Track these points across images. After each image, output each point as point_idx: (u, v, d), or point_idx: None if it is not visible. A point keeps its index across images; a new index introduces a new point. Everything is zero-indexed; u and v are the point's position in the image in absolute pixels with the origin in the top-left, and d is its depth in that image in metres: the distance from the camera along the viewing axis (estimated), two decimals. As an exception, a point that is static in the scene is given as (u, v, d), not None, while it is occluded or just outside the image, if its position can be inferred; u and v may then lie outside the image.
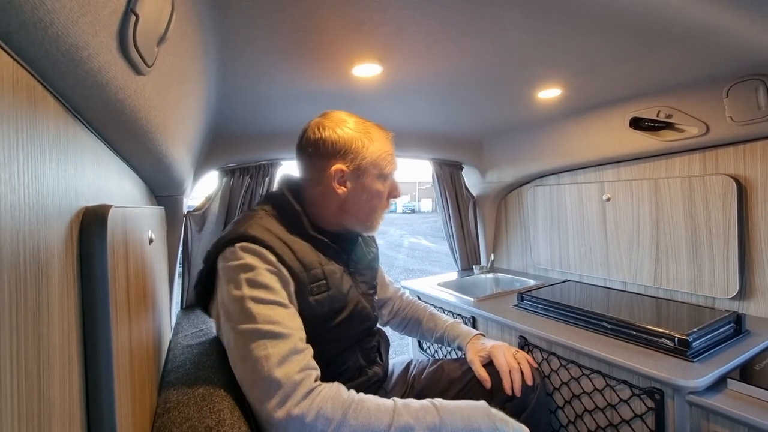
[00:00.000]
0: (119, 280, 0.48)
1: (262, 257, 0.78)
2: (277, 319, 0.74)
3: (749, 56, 0.99)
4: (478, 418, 0.76)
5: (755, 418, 0.78)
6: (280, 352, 0.70)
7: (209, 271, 0.85)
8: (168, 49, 0.50)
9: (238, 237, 0.80)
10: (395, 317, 1.26)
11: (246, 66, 0.96)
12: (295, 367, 0.70)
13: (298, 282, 0.82)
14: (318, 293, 0.85)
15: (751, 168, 1.25)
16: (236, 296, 0.75)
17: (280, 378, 0.68)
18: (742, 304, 1.28)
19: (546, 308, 1.38)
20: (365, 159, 0.91)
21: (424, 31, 0.84)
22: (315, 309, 0.84)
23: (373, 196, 0.93)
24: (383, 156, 0.93)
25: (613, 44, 0.94)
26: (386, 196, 0.96)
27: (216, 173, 1.61)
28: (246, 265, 0.77)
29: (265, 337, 0.71)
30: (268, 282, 0.77)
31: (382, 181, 0.94)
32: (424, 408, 0.74)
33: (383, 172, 0.93)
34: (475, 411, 0.77)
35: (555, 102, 1.42)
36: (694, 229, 1.37)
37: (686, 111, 1.27)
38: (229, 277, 0.77)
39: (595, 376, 1.08)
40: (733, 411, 0.81)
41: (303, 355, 0.73)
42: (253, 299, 0.74)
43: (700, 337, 1.02)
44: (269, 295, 0.76)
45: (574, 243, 1.82)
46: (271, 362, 0.69)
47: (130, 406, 0.51)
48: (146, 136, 0.57)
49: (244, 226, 0.83)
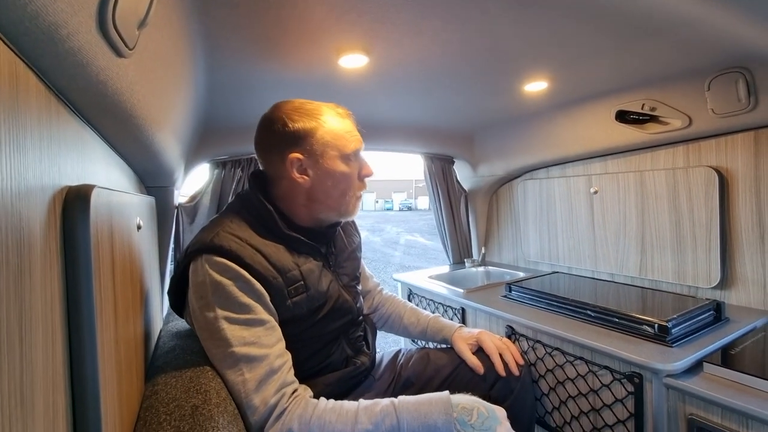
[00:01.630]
0: (103, 259, 0.50)
1: (231, 272, 0.76)
2: (252, 339, 0.74)
3: (728, 49, 1.02)
4: (434, 414, 0.74)
5: (728, 399, 0.80)
6: (255, 376, 0.72)
7: (180, 279, 0.85)
8: (150, 33, 0.51)
9: (205, 247, 0.78)
10: (375, 312, 1.23)
11: (233, 55, 0.97)
12: (271, 390, 0.72)
13: (272, 289, 0.80)
14: (296, 295, 0.84)
15: (732, 160, 1.27)
16: (209, 318, 0.75)
17: (257, 405, 0.71)
18: (724, 293, 1.31)
19: (533, 298, 1.40)
20: (320, 142, 0.87)
21: (408, 20, 0.85)
22: (293, 311, 0.83)
23: (339, 179, 0.89)
24: (340, 135, 0.89)
25: (596, 36, 0.96)
26: (356, 176, 0.92)
27: (207, 166, 1.62)
28: (215, 283, 0.75)
29: (241, 361, 0.72)
30: (240, 299, 0.75)
31: (346, 162, 0.90)
32: (384, 411, 0.74)
33: (344, 152, 0.89)
34: (434, 406, 0.76)
35: (542, 95, 1.44)
36: (678, 221, 1.40)
37: (670, 104, 1.29)
38: (200, 295, 0.77)
39: (578, 363, 1.11)
40: (707, 392, 0.84)
41: (280, 373, 0.74)
42: (226, 319, 0.74)
43: (679, 323, 1.04)
44: (242, 313, 0.75)
45: (562, 236, 1.84)
46: (248, 388, 0.71)
47: (115, 385, 0.52)
48: (131, 121, 0.58)
49: (211, 235, 0.80)
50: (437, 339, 1.14)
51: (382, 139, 1.85)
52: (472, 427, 0.73)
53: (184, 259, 0.82)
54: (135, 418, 0.64)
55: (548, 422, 1.21)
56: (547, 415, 1.21)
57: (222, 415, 0.63)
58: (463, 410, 0.75)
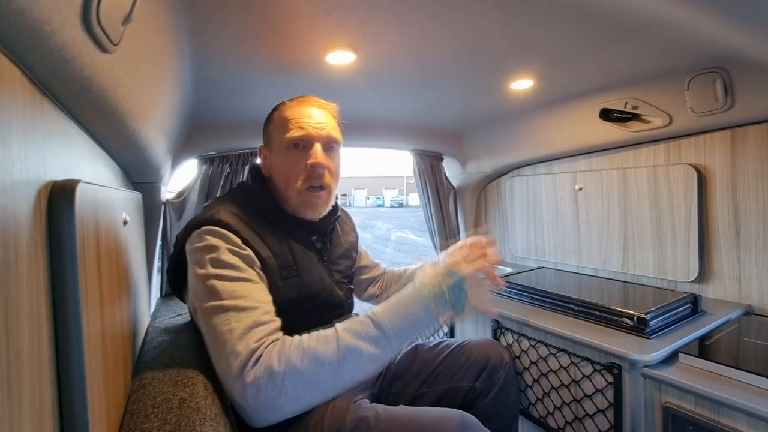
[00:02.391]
0: (89, 253, 0.50)
1: (227, 239, 0.79)
2: (243, 293, 0.74)
3: (706, 49, 1.05)
4: (412, 310, 0.74)
5: (701, 387, 0.84)
6: (243, 325, 0.70)
7: (179, 257, 0.86)
8: (135, 28, 0.51)
9: (204, 221, 0.81)
10: (385, 291, 1.22)
11: (220, 50, 0.97)
12: (255, 337, 0.70)
13: (265, 266, 0.82)
14: (288, 278, 0.86)
15: (710, 157, 1.31)
16: (201, 275, 0.76)
17: (241, 350, 0.68)
18: (701, 286, 1.36)
19: (518, 293, 1.43)
20: (271, 130, 0.92)
21: (395, 18, 0.86)
22: (284, 293, 0.84)
23: (280, 168, 0.91)
24: (284, 122, 0.90)
25: (580, 36, 0.98)
26: (301, 166, 0.89)
27: (195, 162, 1.61)
28: (210, 246, 0.78)
29: (229, 311, 0.71)
30: (233, 261, 0.77)
31: (288, 150, 0.89)
32: (363, 324, 0.74)
33: (285, 139, 0.89)
34: (408, 302, 0.75)
35: (529, 93, 1.46)
36: (658, 217, 1.44)
37: (651, 102, 1.33)
38: (195, 259, 0.79)
39: (561, 355, 1.14)
40: (681, 381, 0.87)
41: (266, 326, 0.72)
42: (218, 277, 0.75)
43: (657, 316, 1.08)
44: (234, 272, 0.76)
45: (548, 232, 1.88)
46: (234, 335, 0.69)
47: (102, 378, 0.53)
48: (116, 116, 0.59)
49: (211, 211, 0.84)
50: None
51: (370, 135, 1.86)
52: (446, 299, 0.74)
53: (185, 234, 0.84)
54: (122, 411, 0.64)
55: (532, 413, 1.24)
56: (530, 407, 1.24)
57: (209, 408, 0.64)
58: (433, 290, 0.75)
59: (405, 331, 0.74)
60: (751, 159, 1.22)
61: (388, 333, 0.72)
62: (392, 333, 0.72)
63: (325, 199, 0.93)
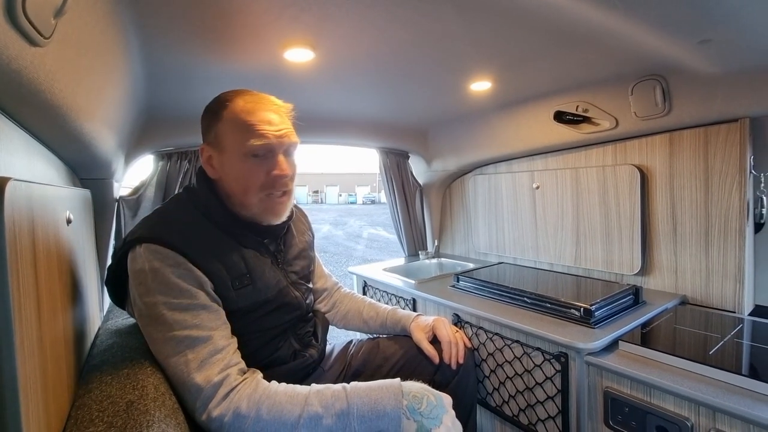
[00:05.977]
0: (22, 254, 0.48)
1: (170, 259, 0.75)
2: (194, 322, 0.73)
3: (646, 57, 1.12)
4: (384, 400, 0.75)
5: (635, 372, 0.91)
6: (198, 356, 0.71)
7: (118, 269, 0.82)
8: (70, 20, 0.49)
9: (144, 236, 0.77)
10: (334, 308, 1.23)
11: (172, 45, 0.94)
12: (215, 369, 0.71)
13: (215, 279, 0.79)
14: (241, 287, 0.83)
15: (652, 159, 1.41)
16: (149, 304, 0.74)
17: (200, 383, 0.69)
18: (644, 279, 1.46)
19: (477, 287, 1.48)
20: (221, 129, 0.83)
21: (352, 17, 0.87)
22: (238, 303, 0.83)
23: (239, 176, 0.83)
24: (242, 125, 0.81)
25: (532, 40, 1.03)
26: (263, 174, 0.83)
27: (152, 157, 1.56)
28: (154, 270, 0.74)
29: (183, 342, 0.71)
30: (180, 285, 0.75)
31: (246, 158, 0.82)
32: (335, 395, 0.74)
33: (244, 147, 0.81)
34: (385, 393, 0.76)
35: (487, 94, 1.51)
36: (606, 214, 1.53)
37: (600, 106, 1.41)
38: (139, 281, 0.75)
39: (515, 345, 1.19)
40: (619, 367, 0.94)
41: (224, 353, 0.73)
42: (166, 305, 0.73)
43: (601, 307, 1.15)
44: (183, 300, 0.74)
45: (509, 228, 1.95)
46: (190, 367, 0.70)
47: (40, 385, 0.51)
48: (53, 111, 0.56)
49: (151, 223, 0.80)
50: (397, 330, 1.16)
51: (333, 133, 1.86)
52: (421, 414, 0.74)
53: (122, 247, 0.80)
54: (65, 417, 0.62)
55: (489, 402, 1.29)
56: (488, 396, 1.29)
57: (159, 409, 0.63)
58: (413, 398, 0.76)
59: (368, 416, 0.73)
60: (686, 160, 1.32)
61: (352, 412, 0.73)
62: (356, 414, 0.73)
63: (288, 204, 0.91)
